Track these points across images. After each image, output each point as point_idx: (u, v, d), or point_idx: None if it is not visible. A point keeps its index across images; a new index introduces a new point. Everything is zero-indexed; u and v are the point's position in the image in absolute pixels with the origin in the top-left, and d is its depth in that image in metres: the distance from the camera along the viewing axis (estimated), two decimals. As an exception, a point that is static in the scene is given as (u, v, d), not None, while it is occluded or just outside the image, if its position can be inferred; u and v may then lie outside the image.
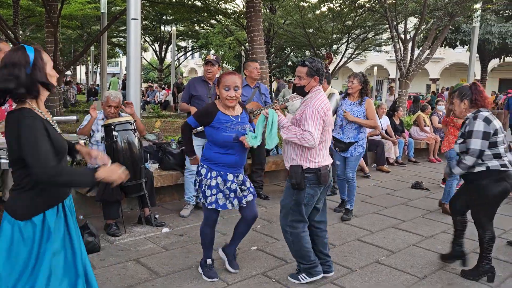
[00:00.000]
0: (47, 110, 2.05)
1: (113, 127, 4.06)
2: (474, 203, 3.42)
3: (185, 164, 4.84)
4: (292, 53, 23.80)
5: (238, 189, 3.14)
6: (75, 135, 4.51)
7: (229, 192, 3.11)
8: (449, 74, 35.85)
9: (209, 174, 3.09)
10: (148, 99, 19.91)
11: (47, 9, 9.57)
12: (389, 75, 38.23)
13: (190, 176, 4.82)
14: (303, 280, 3.25)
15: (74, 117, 4.01)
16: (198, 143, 4.78)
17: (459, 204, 3.63)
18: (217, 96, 3.16)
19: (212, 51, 21.98)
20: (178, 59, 27.60)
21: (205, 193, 3.11)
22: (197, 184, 3.18)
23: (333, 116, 4.61)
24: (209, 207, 3.11)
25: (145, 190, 4.23)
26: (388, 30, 13.45)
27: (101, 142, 4.21)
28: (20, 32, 14.55)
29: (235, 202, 3.15)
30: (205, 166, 3.12)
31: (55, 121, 2.05)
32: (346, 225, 4.71)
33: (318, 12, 17.13)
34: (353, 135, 4.84)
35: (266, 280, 3.31)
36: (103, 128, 4.14)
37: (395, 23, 12.43)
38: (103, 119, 4.28)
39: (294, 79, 3.29)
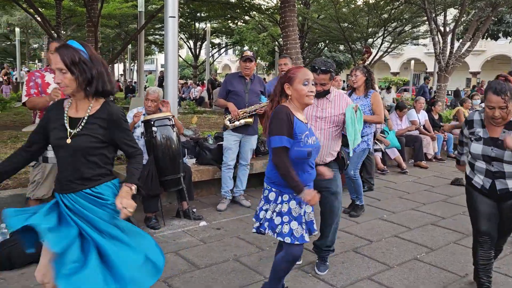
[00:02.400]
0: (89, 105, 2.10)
1: (152, 122, 4.17)
2: None
3: (223, 159, 4.91)
4: (326, 48, 23.55)
5: (308, 212, 2.64)
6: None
7: (303, 215, 2.59)
8: (491, 67, 34.42)
9: (279, 199, 2.53)
10: (183, 96, 20.23)
11: (87, 9, 9.89)
12: (426, 69, 37.17)
13: (227, 170, 4.89)
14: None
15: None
16: (235, 139, 4.84)
17: (492, 226, 2.88)
18: (277, 99, 2.57)
19: (246, 47, 22.05)
20: (212, 55, 27.87)
21: (273, 221, 2.53)
22: (260, 212, 2.63)
23: None
24: (282, 239, 2.52)
25: (183, 184, 4.33)
26: (426, 22, 13.08)
27: (141, 137, 4.34)
28: (62, 32, 15.12)
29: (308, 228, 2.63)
30: (273, 189, 2.55)
31: (83, 119, 2.07)
32: (383, 222, 4.65)
33: (353, 5, 16.86)
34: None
35: (303, 274, 3.33)
36: (142, 124, 4.27)
37: (433, 15, 12.08)
38: (144, 115, 4.40)
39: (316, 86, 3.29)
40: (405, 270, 3.46)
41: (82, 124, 2.06)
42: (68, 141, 2.04)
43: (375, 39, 17.93)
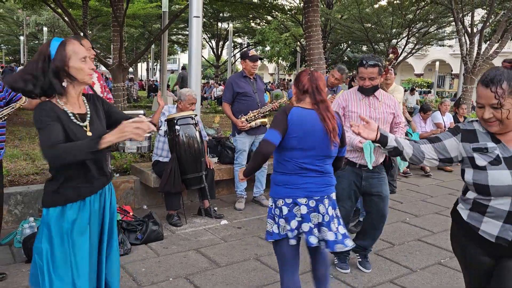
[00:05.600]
0: (87, 103, 2.03)
1: (175, 121, 4.22)
2: None
3: (236, 160, 4.90)
4: (348, 49, 23.37)
5: None
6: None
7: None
8: (519, 69, 33.45)
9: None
10: (205, 95, 20.38)
11: (113, 9, 10.05)
12: (451, 71, 36.46)
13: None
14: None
15: (141, 111, 4.22)
16: (250, 141, 4.83)
17: None
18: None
19: (268, 48, 22.07)
20: (234, 55, 27.98)
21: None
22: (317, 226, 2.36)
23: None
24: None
25: (205, 183, 4.36)
26: (453, 23, 12.82)
27: (164, 136, 4.40)
28: (89, 31, 15.42)
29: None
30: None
31: (87, 116, 1.99)
32: (405, 225, 4.59)
33: (377, 6, 16.67)
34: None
35: (324, 276, 3.32)
36: (166, 122, 4.32)
37: (460, 15, 11.83)
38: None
39: (362, 82, 3.17)
40: (428, 275, 3.40)
41: (88, 115, 1.99)
42: (89, 133, 1.94)
43: (399, 40, 17.68)
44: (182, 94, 4.45)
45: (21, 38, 30.61)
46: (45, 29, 27.11)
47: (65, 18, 10.48)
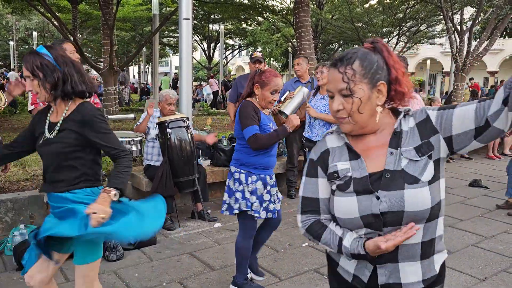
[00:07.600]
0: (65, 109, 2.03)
1: (167, 124, 4.19)
2: None
3: None
4: (340, 48, 23.45)
5: (275, 192, 2.93)
6: (132, 132, 4.69)
7: (269, 196, 2.88)
8: (509, 66, 33.77)
9: (249, 179, 2.83)
10: (197, 97, 20.31)
11: (103, 12, 10.01)
12: (443, 69, 36.68)
13: None
14: None
15: (132, 115, 4.17)
16: None
17: None
18: (249, 94, 2.86)
19: (259, 49, 22.09)
20: (226, 57, 27.96)
21: (249, 200, 2.82)
22: (235, 193, 2.85)
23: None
24: (256, 214, 2.84)
25: (198, 186, 4.34)
26: (443, 21, 12.92)
27: (156, 139, 4.37)
28: (79, 35, 15.32)
29: (271, 206, 2.89)
30: (243, 171, 2.83)
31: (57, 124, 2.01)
32: (399, 223, 4.59)
33: (367, 5, 16.76)
34: (322, 132, 4.32)
35: (318, 277, 3.30)
36: (157, 125, 4.29)
37: (450, 13, 11.92)
38: (158, 117, 4.43)
39: None
40: (422, 273, 3.40)
41: (56, 129, 1.99)
42: (41, 146, 2.01)
43: (390, 39, 17.78)
44: (160, 95, 4.51)
45: (11, 43, 30.36)
46: (35, 33, 26.93)
47: (55, 22, 10.41)
